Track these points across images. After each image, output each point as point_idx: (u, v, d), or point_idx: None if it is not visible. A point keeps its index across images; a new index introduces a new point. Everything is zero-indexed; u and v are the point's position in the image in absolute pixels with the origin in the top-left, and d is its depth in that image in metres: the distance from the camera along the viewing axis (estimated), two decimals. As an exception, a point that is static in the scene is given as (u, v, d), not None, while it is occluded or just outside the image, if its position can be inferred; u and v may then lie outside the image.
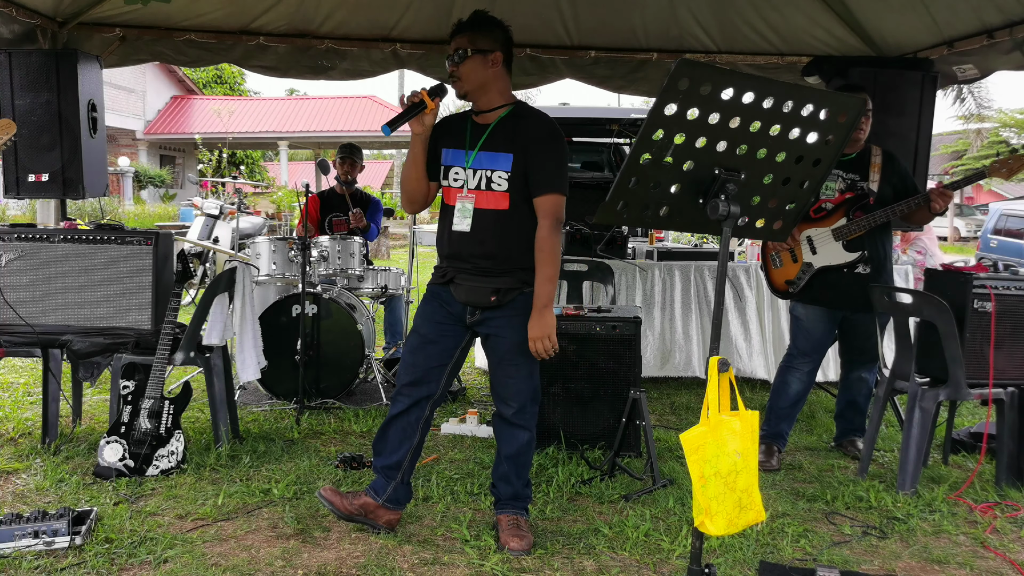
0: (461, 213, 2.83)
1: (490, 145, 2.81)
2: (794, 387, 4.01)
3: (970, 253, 19.29)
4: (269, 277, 4.86)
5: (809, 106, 1.98)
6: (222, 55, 5.31)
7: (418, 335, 2.92)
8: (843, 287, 3.81)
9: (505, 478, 2.97)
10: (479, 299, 2.85)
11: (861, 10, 4.82)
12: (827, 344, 4.03)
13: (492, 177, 2.81)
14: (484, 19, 2.90)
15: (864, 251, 3.75)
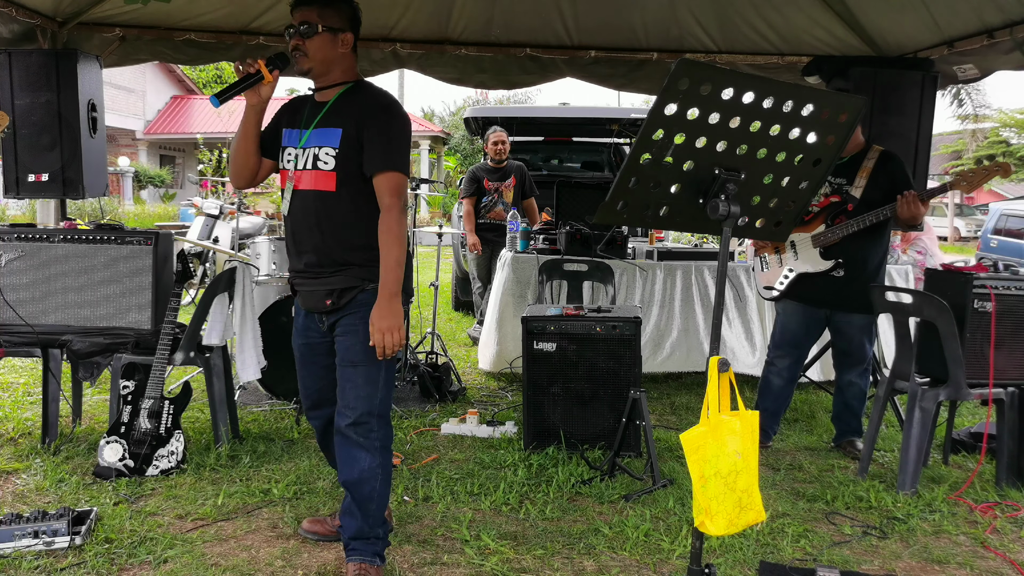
0: (287, 197, 2.60)
1: (325, 122, 2.55)
2: (773, 383, 4.10)
3: (970, 253, 19.29)
4: (269, 277, 4.86)
5: (809, 106, 1.98)
6: (222, 55, 5.31)
7: (298, 354, 2.73)
8: (820, 287, 3.90)
9: (349, 511, 2.60)
10: (317, 304, 2.57)
11: (861, 10, 4.81)
12: (803, 341, 4.08)
13: (319, 155, 2.52)
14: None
15: (838, 260, 3.83)
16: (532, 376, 3.94)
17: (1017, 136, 24.68)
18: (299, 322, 2.72)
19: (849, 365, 4.01)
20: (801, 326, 4.04)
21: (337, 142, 2.50)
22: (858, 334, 3.93)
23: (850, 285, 3.83)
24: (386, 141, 2.49)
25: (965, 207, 30.37)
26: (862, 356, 3.96)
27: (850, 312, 3.89)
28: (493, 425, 4.27)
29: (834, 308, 3.94)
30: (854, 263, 3.83)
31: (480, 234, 6.35)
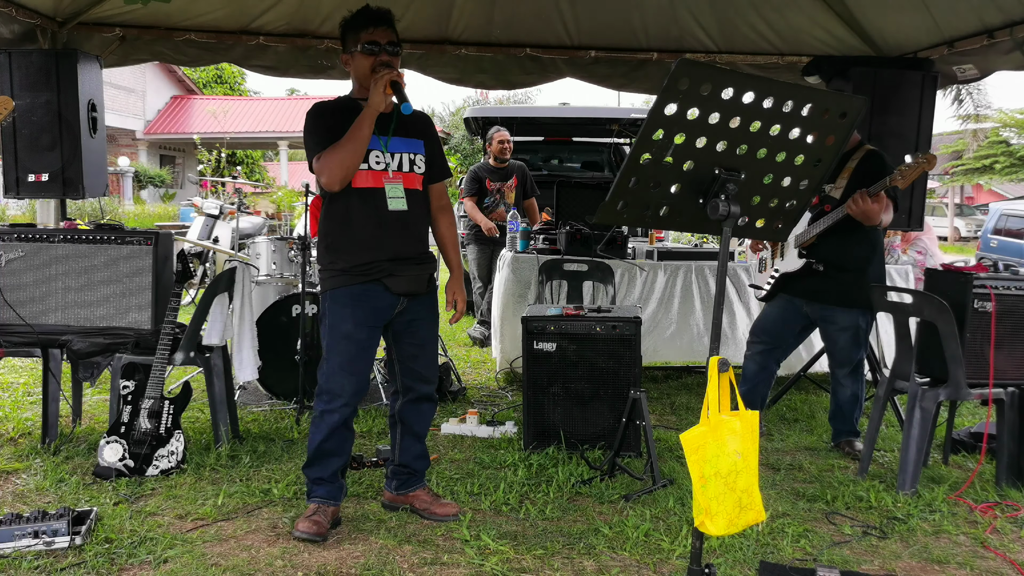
0: (393, 194, 2.87)
1: (402, 132, 2.93)
2: (747, 367, 4.19)
3: (970, 253, 19.30)
4: (269, 277, 4.86)
5: (809, 106, 1.98)
6: (222, 55, 5.31)
7: (354, 342, 2.88)
8: (804, 283, 3.99)
9: (423, 455, 3.15)
10: (420, 287, 2.97)
11: (861, 10, 4.81)
12: (778, 329, 4.14)
13: (415, 160, 2.95)
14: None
15: (812, 260, 3.92)
16: (532, 376, 3.94)
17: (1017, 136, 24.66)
18: (361, 314, 2.86)
19: (835, 366, 4.05)
20: (779, 316, 4.12)
21: (423, 151, 2.98)
22: (841, 335, 3.94)
23: (833, 280, 3.88)
24: (441, 153, 3.07)
25: (965, 207, 30.38)
26: (846, 358, 3.97)
27: (829, 305, 3.93)
28: (493, 425, 4.27)
29: (811, 300, 3.99)
30: (834, 259, 3.87)
31: (481, 235, 6.35)
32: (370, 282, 2.85)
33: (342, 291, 2.87)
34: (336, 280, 2.88)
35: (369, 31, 2.81)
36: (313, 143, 2.82)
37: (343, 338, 2.86)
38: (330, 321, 2.89)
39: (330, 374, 2.88)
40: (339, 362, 2.87)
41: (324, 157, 2.76)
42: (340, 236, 2.88)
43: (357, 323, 2.86)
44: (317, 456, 2.94)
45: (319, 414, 2.91)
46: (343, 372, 2.87)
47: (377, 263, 2.85)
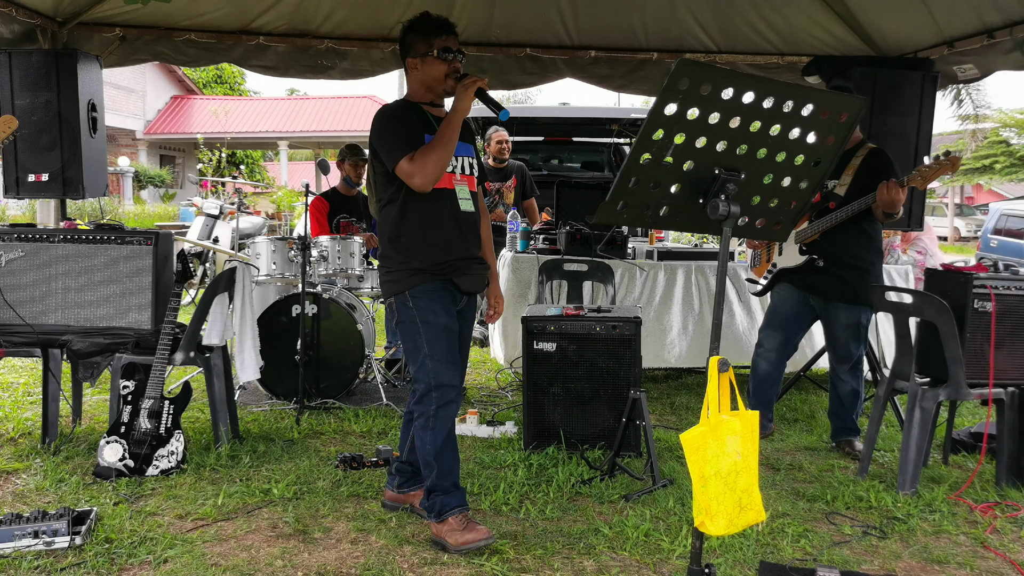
0: (463, 195, 2.94)
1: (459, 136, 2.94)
2: (760, 366, 4.17)
3: (970, 253, 19.29)
4: (269, 277, 4.86)
5: (809, 106, 1.98)
6: (222, 55, 5.31)
7: (451, 332, 2.88)
8: (806, 278, 3.99)
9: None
10: (482, 286, 3.04)
11: (861, 10, 4.82)
12: (791, 324, 4.13)
13: (473, 164, 3.03)
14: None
15: (814, 256, 3.92)
16: (532, 376, 3.94)
17: (1017, 136, 24.66)
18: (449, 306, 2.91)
19: (836, 361, 4.06)
20: (792, 309, 4.11)
21: (472, 154, 3.03)
22: (843, 332, 3.96)
23: (835, 276, 3.89)
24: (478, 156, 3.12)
25: (965, 207, 30.38)
26: (846, 354, 3.99)
27: (835, 302, 3.94)
28: (493, 425, 4.27)
29: (819, 296, 4.00)
30: (836, 256, 3.88)
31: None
32: (444, 280, 2.88)
33: (425, 287, 2.85)
34: (415, 278, 2.85)
35: (443, 38, 2.85)
36: (398, 144, 2.79)
37: (444, 330, 2.84)
38: (423, 317, 2.83)
39: (437, 369, 2.81)
40: (443, 354, 2.82)
41: (419, 159, 2.74)
42: (416, 235, 2.86)
43: (448, 315, 2.88)
44: (443, 459, 2.84)
45: (434, 414, 2.80)
46: (450, 363, 2.84)
47: (450, 262, 2.88)
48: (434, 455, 2.83)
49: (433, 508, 2.86)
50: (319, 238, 4.93)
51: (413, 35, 2.89)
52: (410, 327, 2.85)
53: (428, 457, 2.84)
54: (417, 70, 2.91)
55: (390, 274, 2.92)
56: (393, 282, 2.90)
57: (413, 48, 2.90)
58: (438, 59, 2.84)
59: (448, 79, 2.86)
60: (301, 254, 4.59)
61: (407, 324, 2.86)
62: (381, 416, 4.49)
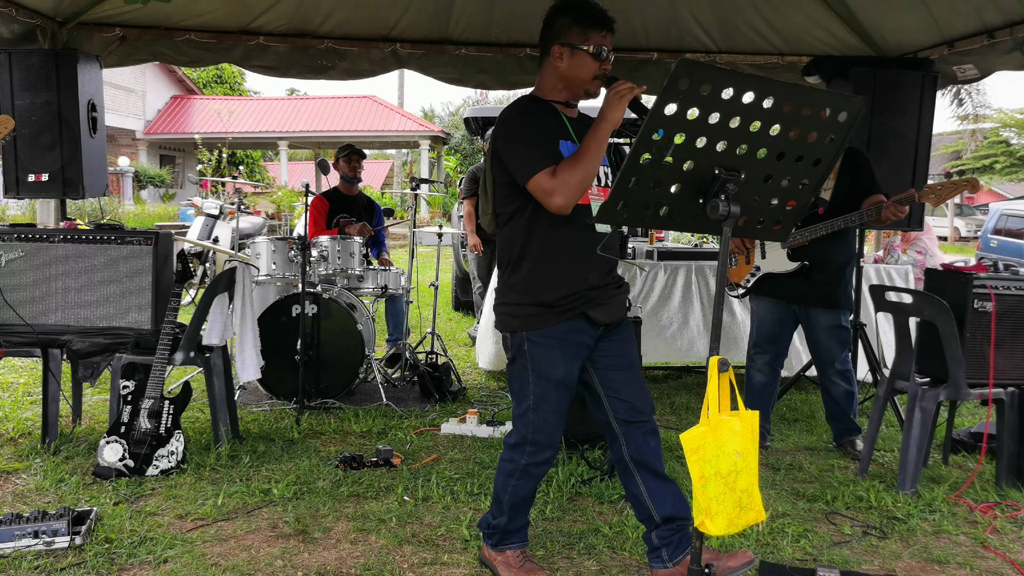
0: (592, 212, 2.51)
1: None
2: (755, 379, 4.14)
3: (970, 253, 19.29)
4: (269, 277, 4.86)
5: (809, 106, 1.98)
6: (222, 55, 5.31)
7: (566, 387, 2.50)
8: (786, 285, 3.97)
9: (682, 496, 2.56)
10: (621, 314, 2.58)
11: (861, 10, 4.81)
12: (780, 336, 4.11)
13: (607, 172, 2.65)
14: None
15: (804, 262, 3.89)
16: (532, 376, 3.94)
17: (1017, 136, 24.69)
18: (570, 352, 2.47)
19: (822, 364, 4.05)
20: (775, 323, 4.08)
21: (606, 161, 2.61)
22: (825, 335, 3.95)
23: (814, 282, 3.89)
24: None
25: (965, 207, 30.36)
26: (830, 357, 3.98)
27: (815, 307, 3.93)
28: (493, 425, 4.27)
29: (800, 304, 3.99)
30: (819, 262, 3.88)
31: (481, 234, 6.35)
32: (574, 317, 2.46)
33: (545, 332, 2.45)
34: (537, 319, 2.45)
35: (603, 34, 2.42)
36: (534, 154, 2.35)
37: (556, 385, 2.47)
38: (535, 367, 2.46)
39: (540, 425, 2.48)
40: (551, 410, 2.48)
41: (562, 175, 2.30)
42: (544, 263, 2.44)
43: (567, 366, 2.48)
44: (518, 507, 2.61)
45: (523, 468, 2.53)
46: (556, 420, 2.50)
47: (582, 292, 2.45)
48: (510, 506, 2.60)
49: (492, 535, 2.66)
50: (319, 238, 4.93)
51: (568, 21, 2.43)
52: (520, 370, 2.51)
53: (504, 502, 2.61)
54: (562, 62, 2.43)
55: (508, 307, 2.52)
56: (510, 316, 2.51)
57: (564, 35, 2.42)
58: (592, 56, 2.40)
59: (595, 81, 2.44)
60: (301, 254, 4.59)
61: (518, 366, 2.52)
62: (381, 416, 4.49)
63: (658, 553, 2.55)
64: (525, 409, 2.50)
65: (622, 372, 2.55)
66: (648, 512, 2.54)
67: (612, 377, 2.54)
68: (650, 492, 2.53)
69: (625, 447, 2.54)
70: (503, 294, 2.55)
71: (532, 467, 2.53)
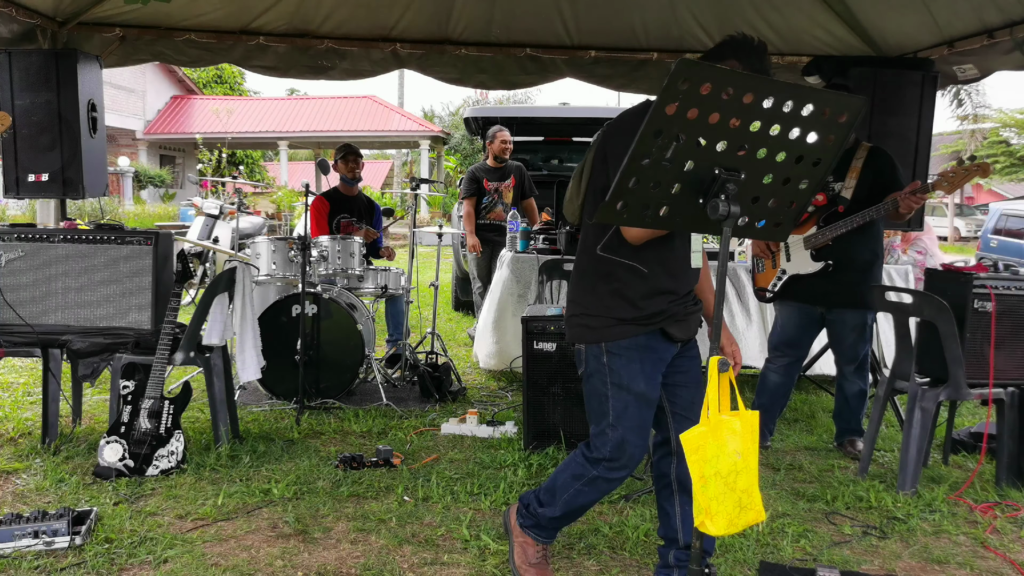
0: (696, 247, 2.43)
1: None
2: (770, 379, 4.14)
3: (970, 253, 19.29)
4: (269, 277, 4.86)
5: (809, 106, 1.97)
6: (222, 55, 5.31)
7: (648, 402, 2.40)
8: (812, 286, 3.94)
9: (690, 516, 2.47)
10: (696, 330, 2.49)
11: (861, 10, 4.81)
12: (801, 340, 4.10)
13: None
14: None
15: (829, 261, 3.86)
16: (532, 376, 3.95)
17: (1017, 136, 24.69)
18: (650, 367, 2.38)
19: (843, 363, 4.03)
20: (797, 327, 4.06)
21: None
22: (850, 333, 3.94)
23: (840, 282, 3.86)
24: None
25: (965, 207, 30.37)
26: (854, 355, 3.97)
27: (842, 308, 3.92)
28: (493, 425, 4.27)
29: (826, 305, 3.97)
30: (843, 261, 3.86)
31: (480, 234, 6.35)
32: (654, 331, 2.37)
33: (626, 344, 2.36)
34: (616, 330, 2.36)
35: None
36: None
37: (638, 399, 2.37)
38: (615, 379, 2.36)
39: (620, 443, 2.37)
40: (633, 426, 2.37)
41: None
42: (631, 275, 2.34)
43: (649, 380, 2.38)
44: (572, 512, 2.56)
45: (593, 478, 2.44)
46: (638, 439, 2.39)
47: (665, 308, 2.37)
48: (566, 506, 2.51)
49: (529, 517, 2.61)
50: (319, 238, 4.94)
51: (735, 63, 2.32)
52: (598, 385, 2.40)
53: (558, 496, 2.52)
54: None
55: (584, 317, 2.40)
56: (586, 327, 2.40)
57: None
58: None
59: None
60: (301, 254, 4.59)
61: (595, 379, 2.41)
62: (381, 416, 4.49)
63: (669, 572, 2.52)
64: (604, 427, 2.38)
65: (691, 390, 2.47)
66: (675, 533, 2.50)
67: (681, 395, 2.47)
68: (683, 516, 2.47)
69: (676, 467, 2.47)
70: (581, 304, 2.42)
71: (602, 481, 2.44)
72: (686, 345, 2.48)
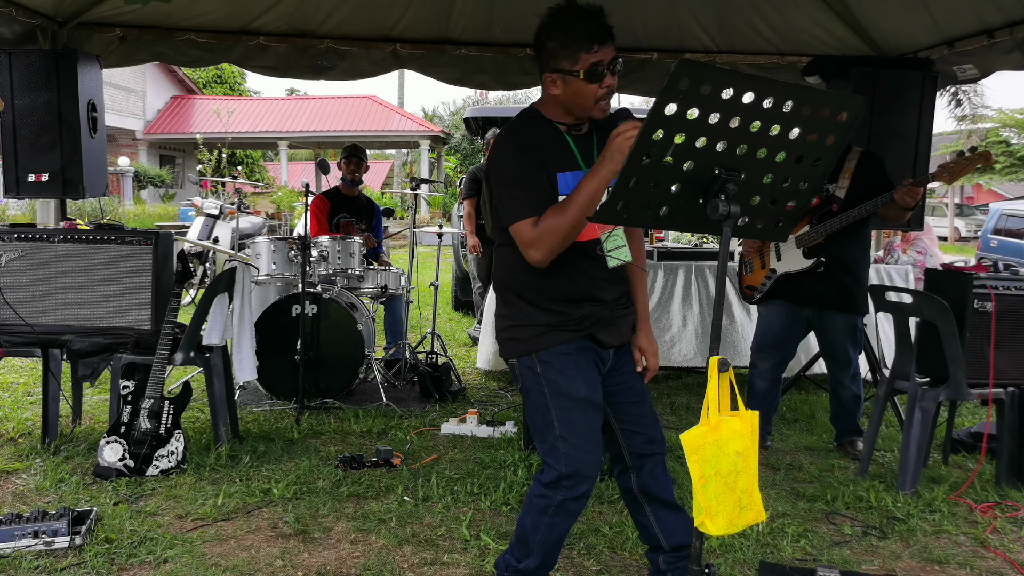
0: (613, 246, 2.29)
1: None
2: (757, 386, 4.11)
3: (970, 253, 19.29)
4: (269, 277, 4.86)
5: (809, 106, 1.98)
6: (222, 55, 5.31)
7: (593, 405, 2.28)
8: (803, 285, 3.91)
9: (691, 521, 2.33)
10: (626, 335, 2.38)
11: (862, 10, 4.81)
12: (785, 342, 4.07)
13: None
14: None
15: (820, 259, 3.83)
16: (532, 376, 3.93)
17: (1017, 136, 24.67)
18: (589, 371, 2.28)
19: (837, 369, 4.02)
20: (783, 327, 4.04)
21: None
22: (840, 337, 3.93)
23: (831, 284, 3.85)
24: None
25: (965, 207, 30.37)
26: (846, 360, 3.96)
27: (831, 311, 3.90)
28: (493, 425, 4.27)
29: (815, 307, 3.94)
30: (835, 262, 3.84)
31: (480, 235, 6.35)
32: (583, 337, 2.27)
33: (559, 350, 2.25)
34: (546, 338, 2.25)
35: (594, 50, 2.13)
36: (523, 202, 2.14)
37: (581, 404, 2.24)
38: (553, 388, 2.24)
39: (573, 454, 2.22)
40: (583, 433, 2.23)
41: (543, 227, 2.10)
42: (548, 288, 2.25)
43: (589, 383, 2.26)
44: (552, 547, 2.37)
45: (559, 504, 2.26)
46: (590, 447, 2.25)
47: (589, 315, 2.27)
48: (543, 545, 2.33)
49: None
50: (319, 238, 4.94)
51: (552, 41, 2.16)
52: (537, 398, 2.27)
53: (530, 540, 2.34)
54: (557, 89, 2.19)
55: (512, 330, 2.31)
56: (515, 340, 2.30)
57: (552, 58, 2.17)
58: (586, 80, 2.15)
59: (598, 106, 2.19)
60: (301, 254, 4.59)
61: (533, 393, 2.28)
62: (381, 416, 4.49)
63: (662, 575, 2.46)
64: (552, 441, 2.24)
65: (637, 405, 2.40)
66: (657, 540, 2.43)
67: (628, 411, 2.40)
68: (660, 522, 2.41)
69: (635, 479, 2.42)
70: (507, 318, 2.33)
71: (571, 502, 2.26)
72: (622, 358, 2.39)
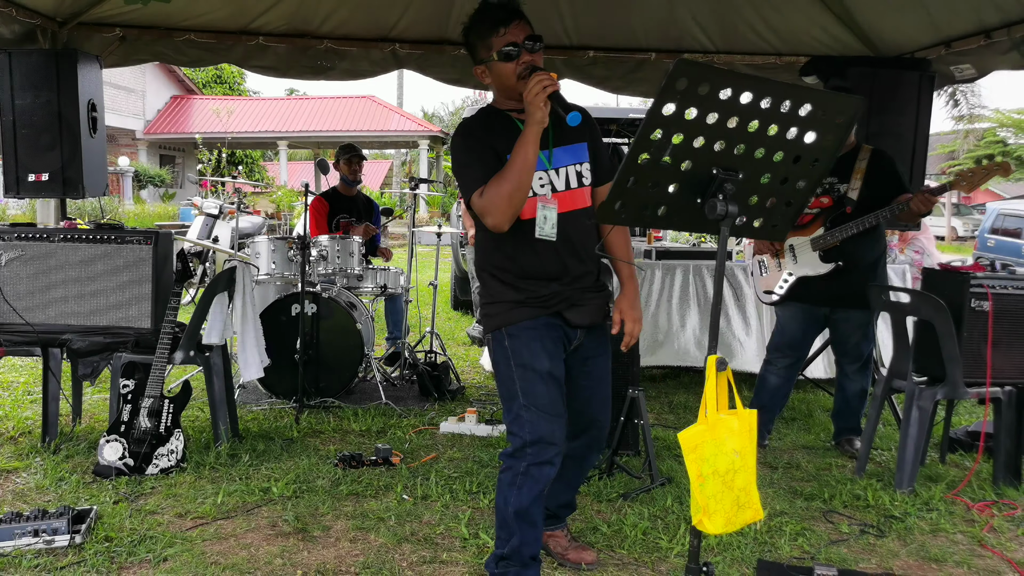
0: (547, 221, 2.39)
1: (566, 139, 2.46)
2: (770, 382, 4.13)
3: (967, 253, 19.30)
4: (269, 276, 4.87)
5: (807, 106, 1.99)
6: (222, 55, 5.31)
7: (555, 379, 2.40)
8: (819, 287, 3.93)
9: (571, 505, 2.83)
10: (597, 317, 2.53)
11: (859, 10, 4.82)
12: (802, 341, 4.09)
13: (582, 171, 2.48)
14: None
15: (838, 263, 3.85)
16: (531, 375, 3.94)
17: (1015, 136, 24.69)
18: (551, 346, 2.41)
19: (847, 362, 4.03)
20: (799, 328, 4.06)
21: (587, 156, 2.50)
22: (855, 332, 3.94)
23: (848, 283, 3.85)
24: (604, 149, 2.56)
25: (962, 207, 30.38)
26: (858, 353, 3.98)
27: (848, 308, 3.91)
28: (492, 424, 4.28)
29: (833, 306, 3.96)
30: (852, 261, 3.85)
31: (481, 234, 6.36)
32: (550, 314, 2.42)
33: (525, 324, 2.40)
34: (513, 314, 2.41)
35: (501, 33, 2.34)
36: (471, 176, 2.33)
37: (544, 377, 2.37)
38: (517, 360, 2.38)
39: (535, 422, 2.34)
40: (543, 404, 2.35)
41: (488, 194, 2.27)
42: (511, 267, 2.43)
43: (552, 358, 2.40)
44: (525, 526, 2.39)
45: (524, 471, 2.35)
46: (550, 415, 2.36)
47: (555, 293, 2.43)
48: (515, 518, 2.38)
49: (507, 570, 2.45)
50: (319, 238, 4.94)
51: (470, 37, 2.46)
52: (504, 370, 2.42)
53: (508, 519, 2.40)
54: (485, 77, 2.44)
55: (486, 307, 2.50)
56: (488, 316, 2.48)
57: (475, 52, 2.44)
58: (501, 61, 2.36)
59: (520, 82, 2.32)
60: (301, 254, 4.60)
61: (502, 365, 2.43)
62: (380, 415, 4.50)
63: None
64: (516, 410, 2.37)
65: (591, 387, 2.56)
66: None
67: (579, 386, 2.55)
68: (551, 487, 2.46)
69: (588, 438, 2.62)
70: (483, 296, 2.53)
71: (534, 468, 2.35)
72: (596, 341, 2.54)
